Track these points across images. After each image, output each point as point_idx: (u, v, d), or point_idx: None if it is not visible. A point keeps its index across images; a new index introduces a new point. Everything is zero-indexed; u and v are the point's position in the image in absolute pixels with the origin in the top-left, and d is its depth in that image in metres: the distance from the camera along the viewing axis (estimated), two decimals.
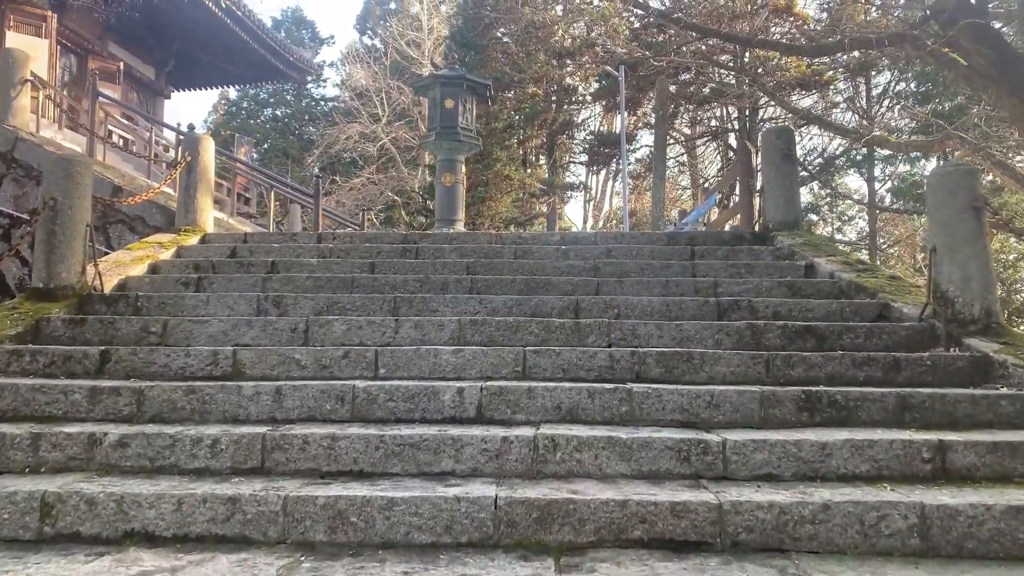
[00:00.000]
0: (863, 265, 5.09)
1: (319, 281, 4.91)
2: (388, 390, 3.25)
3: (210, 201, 6.43)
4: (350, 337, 4.04)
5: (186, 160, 6.22)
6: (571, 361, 3.63)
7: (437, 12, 27.00)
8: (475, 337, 4.02)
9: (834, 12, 19.37)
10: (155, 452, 2.88)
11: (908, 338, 3.96)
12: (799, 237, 5.75)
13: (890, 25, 12.98)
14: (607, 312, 4.40)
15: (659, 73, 14.69)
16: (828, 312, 4.35)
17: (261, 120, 35.89)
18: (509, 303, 4.47)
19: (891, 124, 20.24)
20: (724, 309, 4.38)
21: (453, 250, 5.64)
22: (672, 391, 3.21)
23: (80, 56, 17.42)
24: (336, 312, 4.45)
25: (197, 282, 4.94)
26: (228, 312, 4.48)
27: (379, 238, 6.05)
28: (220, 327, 4.11)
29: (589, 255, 5.53)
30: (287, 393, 3.27)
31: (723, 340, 3.97)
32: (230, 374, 3.67)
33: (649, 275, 5.13)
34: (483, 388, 3.24)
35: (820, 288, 4.77)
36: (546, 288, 4.81)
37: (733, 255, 5.54)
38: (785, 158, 5.96)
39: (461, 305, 4.47)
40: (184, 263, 5.39)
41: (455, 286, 4.85)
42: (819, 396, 3.20)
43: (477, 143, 10.60)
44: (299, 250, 5.71)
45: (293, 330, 4.08)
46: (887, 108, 21.46)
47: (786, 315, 4.34)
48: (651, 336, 4.00)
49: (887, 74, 21.03)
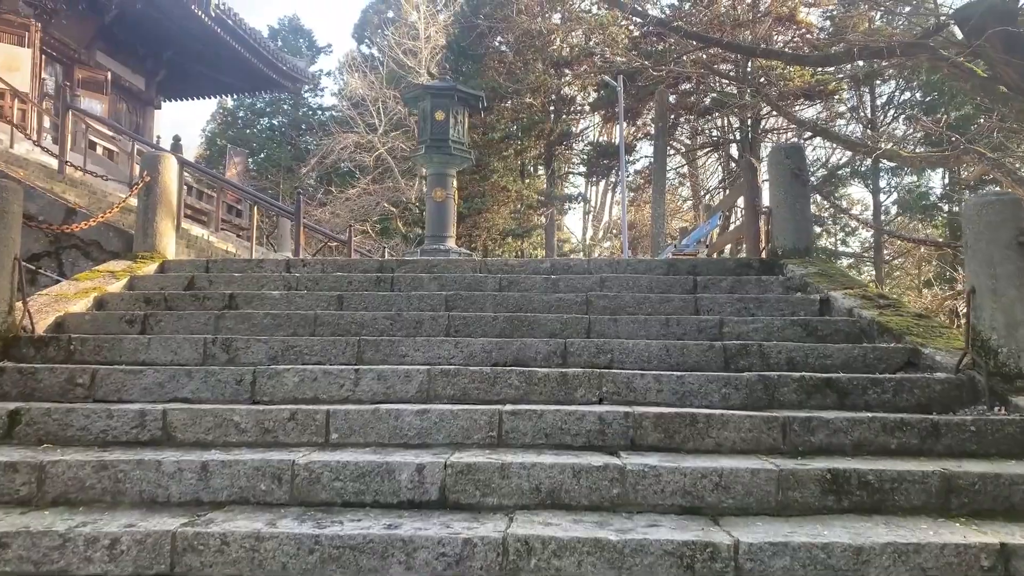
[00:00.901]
0: (885, 300, 4.58)
1: (278, 319, 4.40)
2: (335, 467, 2.74)
3: (172, 224, 5.93)
4: (303, 391, 3.53)
5: (145, 180, 5.72)
6: (555, 424, 3.11)
7: (435, 21, 26.57)
8: (446, 390, 3.50)
9: (837, 20, 18.99)
10: (41, 555, 2.37)
11: (944, 393, 3.44)
12: (812, 266, 5.24)
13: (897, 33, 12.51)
14: (599, 357, 3.89)
15: (659, 83, 14.24)
16: (849, 359, 3.83)
17: (258, 130, 35.49)
18: (488, 347, 3.95)
19: (896, 135, 19.78)
20: (731, 355, 3.86)
21: (432, 280, 5.13)
22: (673, 469, 2.69)
23: (66, 66, 16.98)
24: (291, 358, 3.93)
25: (143, 320, 4.43)
26: (171, 357, 3.97)
27: (352, 266, 5.55)
28: (156, 378, 3.60)
29: (581, 286, 5.02)
30: (215, 470, 2.76)
31: (731, 395, 3.45)
32: (158, 439, 3.16)
33: (647, 310, 4.62)
34: (448, 465, 2.72)
35: (838, 328, 4.25)
36: (531, 327, 4.29)
37: (739, 286, 5.03)
38: (795, 178, 5.46)
39: (434, 349, 3.95)
40: (134, 297, 4.88)
41: (430, 325, 4.34)
42: (847, 476, 2.68)
43: (469, 157, 10.12)
44: (263, 280, 5.20)
45: (239, 382, 3.57)
46: (892, 118, 21.02)
47: (802, 363, 3.82)
48: (648, 390, 3.48)
49: (891, 84, 20.61)
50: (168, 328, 4.39)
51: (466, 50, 22.22)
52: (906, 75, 17.42)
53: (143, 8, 16.09)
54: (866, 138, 18.37)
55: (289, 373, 3.57)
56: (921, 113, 19.12)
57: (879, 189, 21.26)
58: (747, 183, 6.67)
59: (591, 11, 22.24)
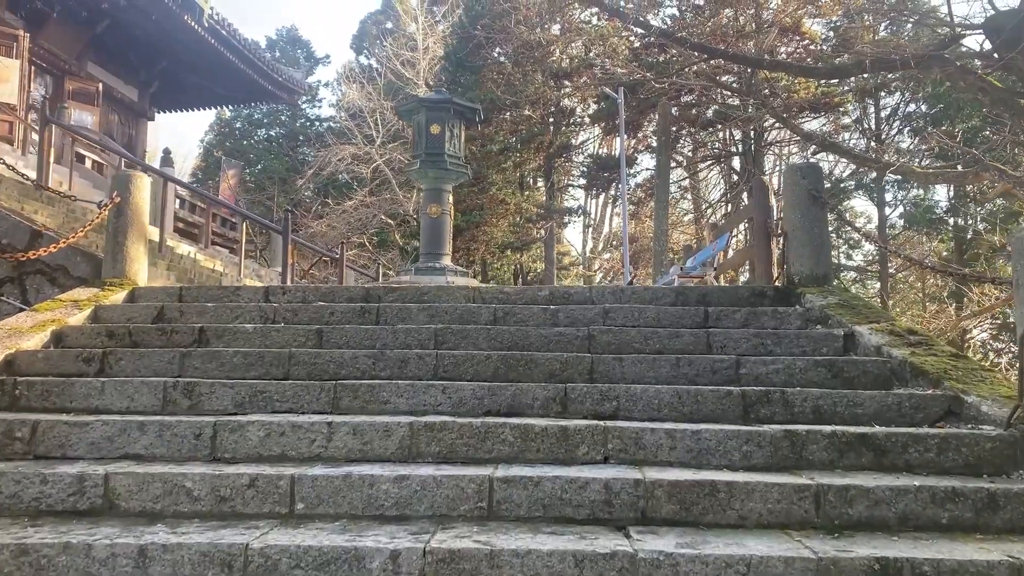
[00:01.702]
0: (916, 336, 4.17)
1: (249, 358, 3.99)
2: (295, 553, 2.33)
3: (144, 248, 5.54)
4: (269, 447, 3.12)
5: (114, 201, 5.34)
6: (553, 494, 2.70)
7: (433, 32, 26.31)
8: (431, 446, 3.10)
9: (841, 32, 18.67)
10: None
11: (995, 452, 3.03)
12: (832, 296, 4.84)
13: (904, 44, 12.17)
14: (603, 405, 3.48)
15: (661, 95, 13.88)
16: (883, 408, 3.43)
17: (255, 141, 35.16)
18: (480, 392, 3.55)
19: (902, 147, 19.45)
20: (751, 403, 3.46)
21: (422, 311, 4.73)
22: (693, 558, 2.28)
23: (56, 77, 16.66)
24: (260, 405, 3.53)
25: (102, 359, 4.03)
26: (127, 404, 3.57)
27: (336, 294, 5.15)
28: (106, 431, 3.19)
29: (582, 318, 4.62)
30: (155, 555, 2.35)
31: (753, 454, 3.05)
32: (98, 508, 2.75)
33: (655, 346, 4.22)
34: (427, 552, 2.31)
35: (867, 370, 3.85)
36: (528, 368, 3.89)
37: (754, 319, 4.63)
38: (813, 200, 5.07)
39: (419, 395, 3.55)
40: (96, 331, 4.48)
41: (416, 365, 3.94)
42: (899, 567, 2.27)
43: (465, 172, 9.74)
44: (238, 311, 4.80)
45: (198, 436, 3.16)
46: (897, 131, 20.68)
47: (830, 412, 3.42)
48: (660, 447, 3.07)
49: (895, 95, 20.28)
50: (128, 368, 3.99)
51: (464, 61, 21.91)
52: (912, 87, 17.09)
53: (135, 18, 15.79)
54: (871, 151, 18.02)
55: (254, 427, 3.16)
56: (929, 125, 18.80)
57: (884, 202, 20.91)
58: (757, 202, 6.28)
59: (591, 22, 21.96)
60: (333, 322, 4.64)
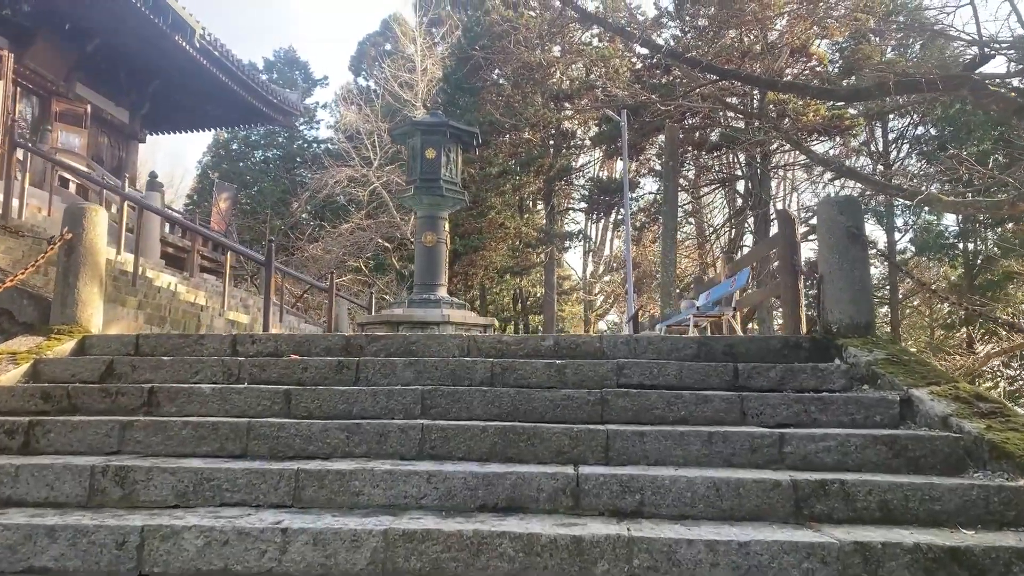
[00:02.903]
0: (986, 404, 3.55)
1: (201, 430, 3.37)
2: None
3: (97, 290, 4.93)
4: (208, 559, 2.49)
5: (65, 238, 4.74)
6: None
7: (432, 53, 25.96)
8: (410, 562, 2.47)
9: (847, 53, 18.28)
10: None
11: None
12: (878, 349, 4.22)
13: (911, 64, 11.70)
14: (624, 499, 2.86)
15: (666, 117, 13.37)
16: (966, 504, 2.80)
17: (251, 163, 34.72)
18: (473, 480, 2.92)
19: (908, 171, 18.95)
20: (804, 496, 2.83)
21: (408, 366, 4.12)
22: None
23: (42, 98, 16.20)
24: (205, 496, 2.90)
25: (27, 431, 3.41)
26: (45, 494, 2.94)
27: (312, 344, 4.54)
28: (8, 538, 2.56)
29: (593, 376, 4.01)
30: None
31: (816, 571, 2.42)
32: None
33: (680, 413, 3.61)
34: None
35: (935, 448, 3.23)
36: (532, 444, 3.27)
37: (791, 377, 4.02)
38: (853, 239, 4.48)
39: (399, 485, 2.92)
40: (30, 392, 3.86)
41: (397, 440, 3.31)
42: None
43: (462, 198, 9.20)
44: (199, 365, 4.19)
45: (121, 544, 2.53)
46: (906, 154, 20.21)
47: (900, 509, 2.79)
48: (699, 564, 2.44)
49: (904, 118, 19.83)
50: (57, 443, 3.36)
51: (463, 83, 21.48)
52: (923, 109, 16.63)
53: (125, 39, 15.36)
54: (879, 174, 17.52)
55: (191, 533, 2.53)
56: (937, 149, 18.32)
57: (894, 227, 20.36)
58: (783, 237, 5.70)
59: (592, 43, 21.58)
60: (306, 381, 4.02)
